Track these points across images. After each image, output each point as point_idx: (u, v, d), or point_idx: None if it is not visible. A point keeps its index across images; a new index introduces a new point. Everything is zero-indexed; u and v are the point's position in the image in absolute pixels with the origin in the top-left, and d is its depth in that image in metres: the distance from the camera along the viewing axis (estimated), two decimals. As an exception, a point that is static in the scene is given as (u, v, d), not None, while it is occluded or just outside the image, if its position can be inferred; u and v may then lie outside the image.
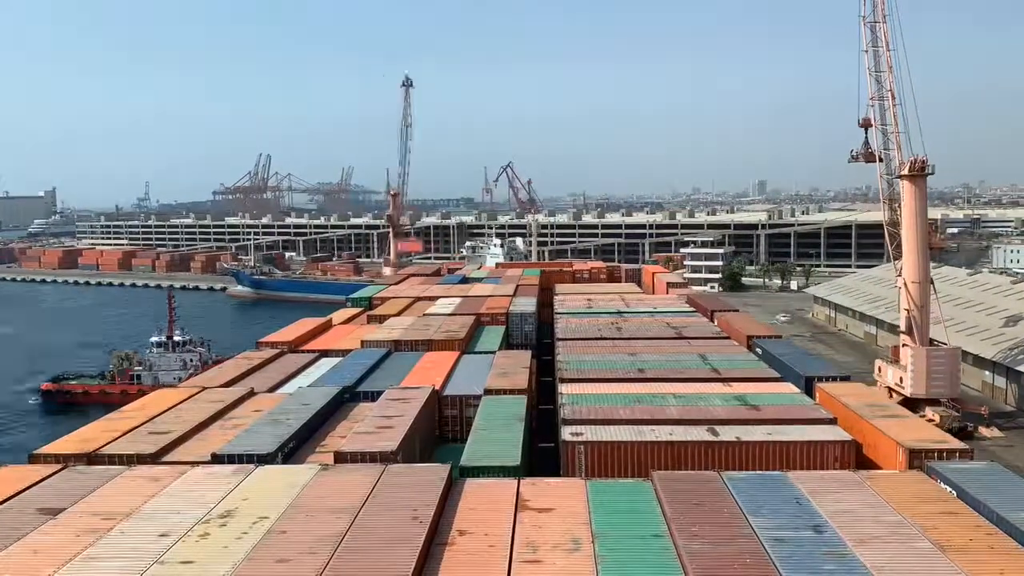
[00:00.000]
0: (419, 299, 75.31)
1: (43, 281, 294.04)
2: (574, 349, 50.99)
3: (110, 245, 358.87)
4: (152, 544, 21.87)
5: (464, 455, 30.66)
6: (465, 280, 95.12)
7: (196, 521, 23.42)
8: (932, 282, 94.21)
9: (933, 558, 21.12)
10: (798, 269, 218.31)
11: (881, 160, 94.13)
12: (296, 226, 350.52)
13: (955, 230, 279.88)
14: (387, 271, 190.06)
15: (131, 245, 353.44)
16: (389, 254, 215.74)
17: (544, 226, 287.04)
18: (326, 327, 63.48)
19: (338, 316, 70.00)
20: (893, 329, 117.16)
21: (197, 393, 40.82)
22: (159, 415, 36.71)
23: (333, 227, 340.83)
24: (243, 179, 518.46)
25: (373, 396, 40.00)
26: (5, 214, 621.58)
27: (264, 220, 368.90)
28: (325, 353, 52.43)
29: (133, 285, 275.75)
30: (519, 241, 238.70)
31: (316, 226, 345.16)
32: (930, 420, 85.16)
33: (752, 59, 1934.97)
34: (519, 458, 30.54)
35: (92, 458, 30.96)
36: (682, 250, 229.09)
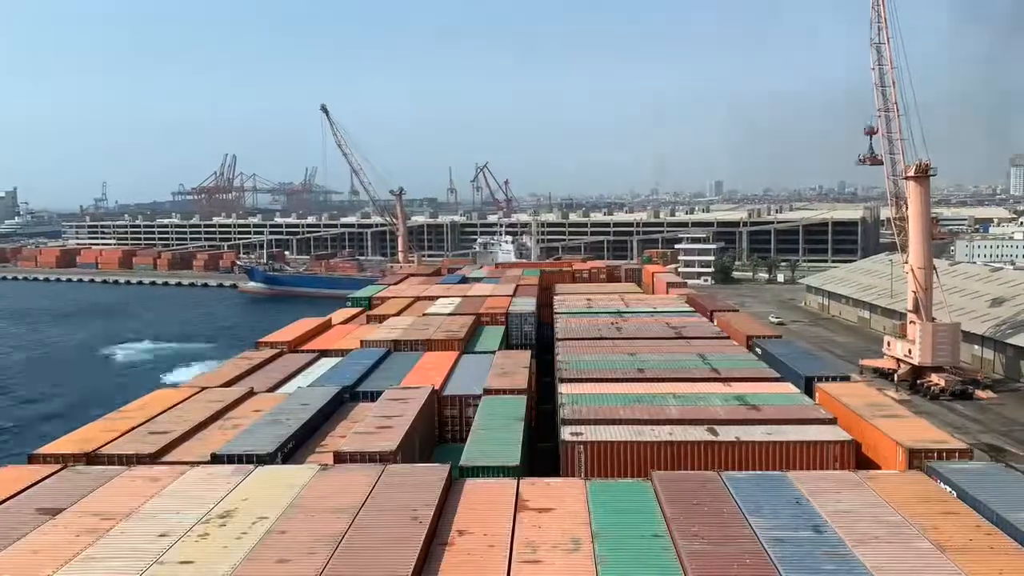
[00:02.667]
0: (418, 299, 75.33)
1: (46, 280, 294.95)
2: (574, 349, 50.98)
3: (99, 245, 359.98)
4: (152, 544, 21.86)
5: (464, 455, 30.64)
6: (465, 280, 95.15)
7: (196, 521, 23.41)
8: (935, 268, 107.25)
9: (933, 558, 21.12)
10: (783, 263, 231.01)
11: (883, 163, 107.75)
12: (288, 225, 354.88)
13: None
14: (397, 267, 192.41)
15: (119, 245, 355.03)
16: (398, 250, 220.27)
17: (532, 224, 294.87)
18: (326, 327, 63.46)
19: (338, 316, 70.01)
20: (886, 313, 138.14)
21: (197, 393, 40.80)
22: (159, 415, 36.69)
23: (326, 226, 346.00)
24: (208, 179, 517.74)
25: (373, 396, 40.00)
26: None
27: (254, 220, 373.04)
28: (325, 353, 52.42)
29: (140, 283, 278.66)
30: (526, 238, 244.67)
31: (308, 225, 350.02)
32: (935, 384, 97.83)
33: (702, 62, 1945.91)
34: (519, 458, 30.53)
35: (92, 458, 30.94)
36: (676, 246, 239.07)
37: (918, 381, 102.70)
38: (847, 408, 37.20)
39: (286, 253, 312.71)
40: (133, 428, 34.59)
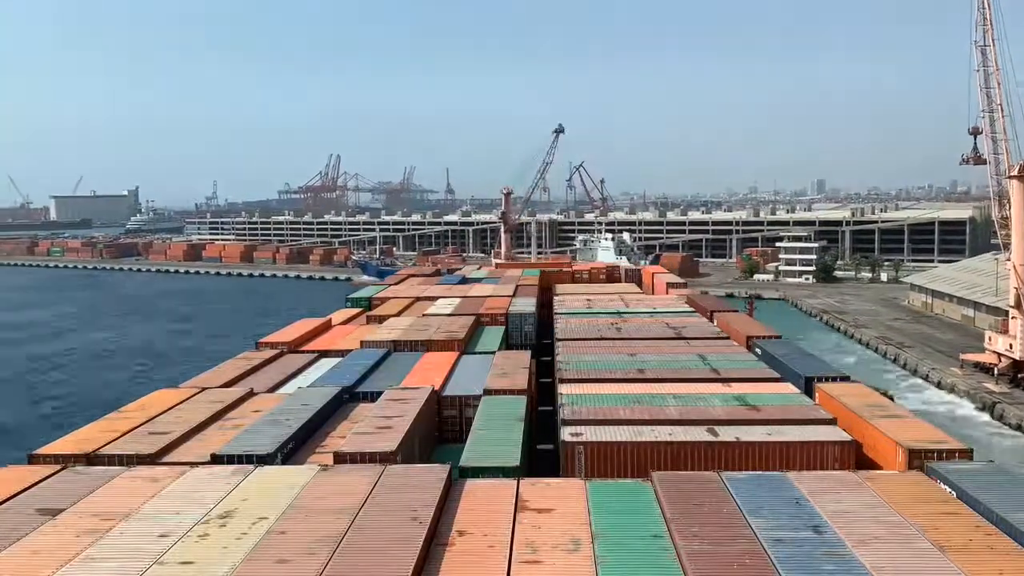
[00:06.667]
0: (418, 299, 75.31)
1: (176, 272, 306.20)
2: (574, 349, 50.96)
3: (219, 240, 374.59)
4: (151, 544, 21.86)
5: (464, 455, 30.63)
6: (464, 280, 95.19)
7: (195, 521, 23.41)
8: None
9: (933, 558, 21.11)
10: (886, 263, 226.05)
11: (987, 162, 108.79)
12: (395, 223, 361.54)
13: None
14: (498, 263, 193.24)
15: (238, 240, 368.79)
16: (500, 247, 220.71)
17: (631, 223, 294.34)
18: (326, 327, 63.48)
19: (338, 316, 70.03)
20: (991, 311, 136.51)
21: (197, 393, 40.80)
22: (159, 415, 36.69)
23: (430, 223, 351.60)
24: (314, 179, 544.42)
25: (372, 396, 39.99)
26: (94, 212, 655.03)
27: (363, 218, 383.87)
28: (325, 353, 52.42)
29: (261, 275, 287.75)
30: (626, 236, 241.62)
31: (414, 223, 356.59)
32: None
33: (806, 58, 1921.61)
34: (519, 458, 30.52)
35: (91, 458, 30.95)
36: (777, 244, 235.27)
37: (1018, 375, 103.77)
38: (847, 408, 37.20)
39: (394, 249, 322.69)
40: (133, 428, 34.60)
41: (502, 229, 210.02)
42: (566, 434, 32.75)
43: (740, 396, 38.40)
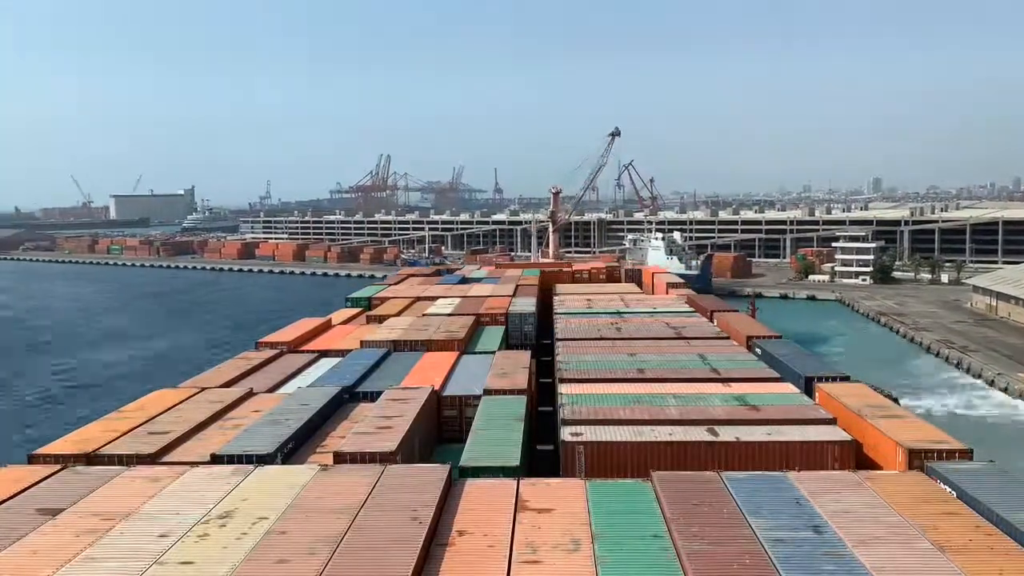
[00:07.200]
0: (418, 299, 75.30)
1: (230, 270, 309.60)
2: (574, 349, 50.96)
3: (273, 239, 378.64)
4: (151, 544, 21.86)
5: (464, 455, 30.63)
6: (464, 280, 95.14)
7: (195, 521, 23.41)
8: None
9: (933, 558, 21.11)
10: (947, 264, 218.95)
11: None
12: (444, 222, 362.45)
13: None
14: (545, 261, 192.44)
15: (291, 239, 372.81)
16: (548, 247, 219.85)
17: (681, 222, 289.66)
18: (326, 327, 63.46)
19: (338, 316, 70.04)
20: None
21: (196, 394, 40.79)
22: (159, 415, 36.69)
23: (478, 223, 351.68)
24: (364, 178, 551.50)
25: (372, 396, 39.99)
26: (152, 211, 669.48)
27: (412, 217, 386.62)
28: (324, 353, 52.42)
29: (313, 274, 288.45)
30: (677, 235, 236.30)
31: (462, 222, 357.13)
32: None
33: (859, 56, 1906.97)
34: (519, 458, 30.51)
35: (91, 458, 30.95)
36: (833, 244, 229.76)
37: None
38: (847, 408, 37.19)
39: (443, 248, 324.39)
40: (133, 428, 34.60)
41: (550, 228, 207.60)
42: (566, 434, 32.74)
43: (740, 396, 38.40)
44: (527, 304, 68.92)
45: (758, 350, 51.56)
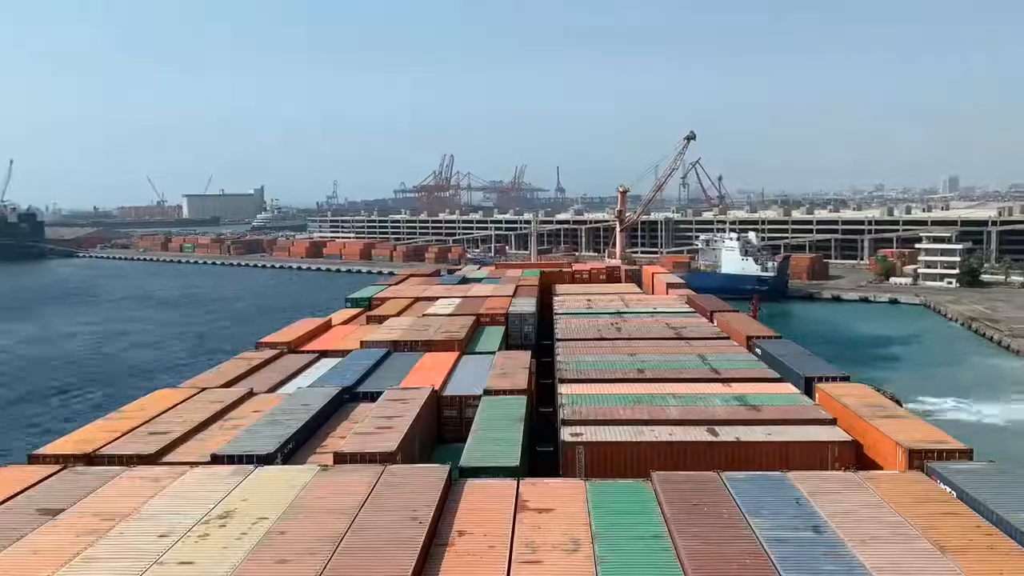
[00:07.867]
0: (418, 299, 75.31)
1: (299, 268, 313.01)
2: (574, 350, 50.97)
3: (340, 238, 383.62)
4: (152, 545, 21.86)
5: (464, 456, 30.63)
6: (465, 280, 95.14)
7: (196, 522, 23.41)
8: None
9: (933, 558, 21.11)
10: None
11: None
12: (507, 222, 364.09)
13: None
14: (612, 262, 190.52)
15: (357, 238, 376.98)
16: (614, 246, 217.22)
17: (752, 222, 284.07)
18: (325, 327, 63.45)
19: (338, 317, 70.03)
20: None
21: (197, 394, 40.80)
22: (159, 415, 36.68)
23: (542, 222, 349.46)
24: (428, 178, 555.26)
25: (373, 397, 39.97)
26: (223, 210, 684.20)
27: (476, 216, 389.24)
28: (325, 354, 52.39)
29: (379, 273, 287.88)
30: (752, 236, 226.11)
31: (525, 222, 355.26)
32: None
33: (935, 51, 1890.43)
34: (519, 459, 30.51)
35: (92, 458, 30.94)
36: (916, 246, 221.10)
37: None
38: (847, 408, 37.18)
39: (507, 248, 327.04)
40: (133, 428, 34.58)
41: (617, 228, 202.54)
42: (566, 434, 32.76)
43: (740, 396, 38.41)
44: (527, 304, 68.92)
45: (758, 350, 51.55)
